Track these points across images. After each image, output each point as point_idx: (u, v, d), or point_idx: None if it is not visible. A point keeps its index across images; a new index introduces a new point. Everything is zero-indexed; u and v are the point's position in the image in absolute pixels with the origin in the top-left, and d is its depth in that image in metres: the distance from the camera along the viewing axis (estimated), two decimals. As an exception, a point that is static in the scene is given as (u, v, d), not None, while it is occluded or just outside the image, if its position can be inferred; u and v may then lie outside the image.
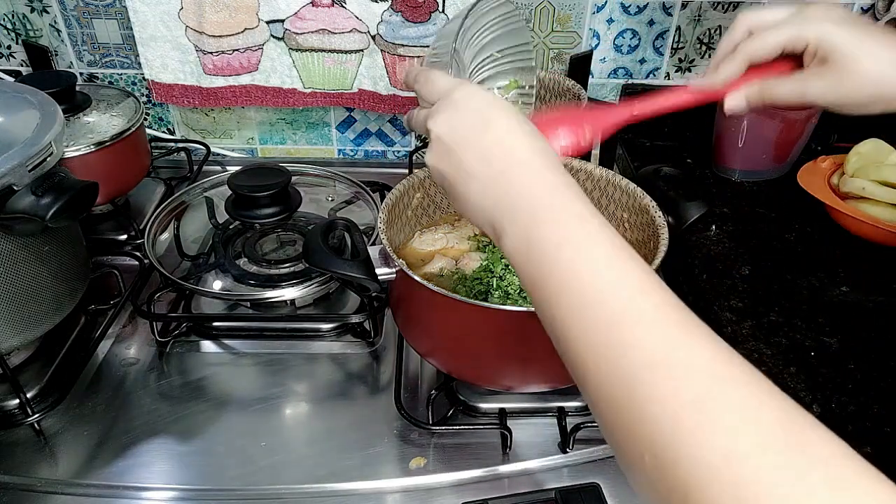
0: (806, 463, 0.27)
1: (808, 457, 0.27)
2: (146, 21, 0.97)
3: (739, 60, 0.57)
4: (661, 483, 0.30)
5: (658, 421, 0.30)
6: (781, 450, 0.28)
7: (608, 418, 0.34)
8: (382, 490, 0.64)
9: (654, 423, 0.30)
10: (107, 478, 0.65)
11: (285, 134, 1.16)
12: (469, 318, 0.60)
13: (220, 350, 0.80)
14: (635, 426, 0.31)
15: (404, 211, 0.76)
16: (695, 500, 0.28)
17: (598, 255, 0.37)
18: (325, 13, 0.97)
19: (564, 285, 0.37)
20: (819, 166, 0.92)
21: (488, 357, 0.64)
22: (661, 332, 0.33)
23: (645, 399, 0.31)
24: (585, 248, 0.37)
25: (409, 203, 0.76)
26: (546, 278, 0.38)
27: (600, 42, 1.05)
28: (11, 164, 0.60)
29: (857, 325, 0.72)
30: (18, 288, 0.67)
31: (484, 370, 0.66)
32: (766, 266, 0.81)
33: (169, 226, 0.93)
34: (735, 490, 0.27)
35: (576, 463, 0.66)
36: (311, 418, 0.72)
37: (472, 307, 0.59)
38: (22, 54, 1.05)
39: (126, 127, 0.90)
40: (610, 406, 0.33)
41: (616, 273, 0.36)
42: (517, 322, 0.59)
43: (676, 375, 0.31)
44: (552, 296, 0.38)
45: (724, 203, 0.93)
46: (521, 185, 0.42)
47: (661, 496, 0.30)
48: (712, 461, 0.28)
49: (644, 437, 0.31)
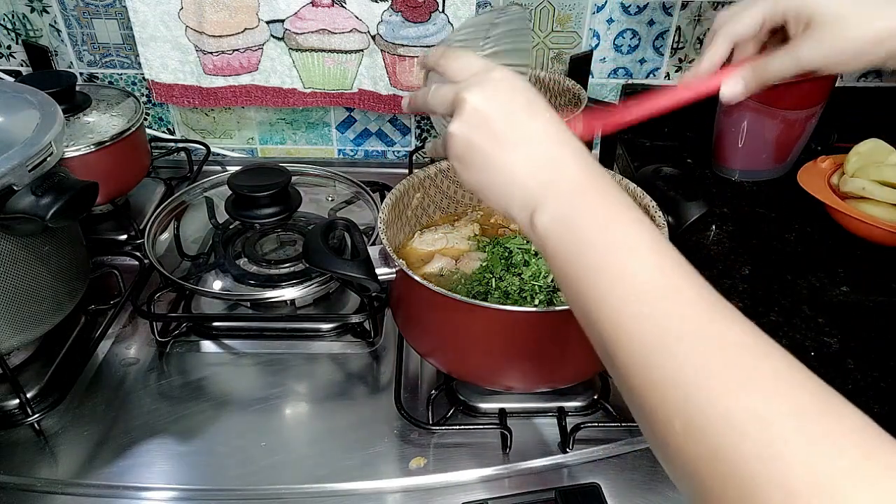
0: (838, 429, 0.28)
1: (840, 424, 0.28)
2: (146, 21, 0.97)
3: (720, 42, 0.59)
4: (691, 447, 0.31)
5: (689, 385, 0.32)
6: (813, 415, 0.29)
7: (640, 386, 0.34)
8: (382, 490, 0.64)
9: (687, 388, 0.32)
10: (107, 478, 0.65)
11: (285, 134, 1.16)
12: (469, 318, 0.60)
13: (220, 350, 0.80)
14: (668, 391, 0.32)
15: (404, 211, 0.76)
16: (724, 459, 0.29)
17: (645, 237, 0.38)
18: (325, 13, 0.97)
19: (603, 263, 0.37)
20: (819, 166, 0.92)
21: (488, 357, 0.64)
22: (695, 308, 0.34)
23: (678, 367, 0.32)
24: (634, 232, 0.38)
25: (408, 203, 0.76)
26: (583, 254, 0.39)
27: (600, 42, 1.05)
28: (11, 164, 0.60)
29: (857, 325, 0.72)
30: (18, 288, 0.67)
31: (484, 370, 0.66)
32: (766, 266, 0.81)
33: (169, 226, 0.93)
34: (763, 449, 0.28)
35: (576, 463, 0.66)
36: (311, 418, 0.72)
37: (472, 307, 0.59)
38: (22, 54, 1.05)
39: (126, 127, 0.90)
40: (643, 373, 0.34)
41: (659, 258, 0.37)
42: (517, 322, 0.59)
43: (710, 346, 0.32)
44: (587, 272, 0.38)
45: (724, 203, 0.93)
46: (571, 167, 0.42)
47: (689, 462, 0.31)
48: (744, 422, 0.29)
49: (676, 401, 0.32)
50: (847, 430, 0.28)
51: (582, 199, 0.40)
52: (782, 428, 0.28)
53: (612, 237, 0.38)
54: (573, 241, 0.39)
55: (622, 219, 0.39)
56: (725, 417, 0.30)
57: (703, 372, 0.31)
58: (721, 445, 0.29)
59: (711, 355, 0.32)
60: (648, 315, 0.34)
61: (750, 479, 0.28)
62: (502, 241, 0.74)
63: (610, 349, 0.36)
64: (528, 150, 0.43)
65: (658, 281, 0.36)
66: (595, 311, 0.37)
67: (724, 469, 0.29)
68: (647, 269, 0.36)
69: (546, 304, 0.67)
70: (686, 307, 0.34)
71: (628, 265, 0.37)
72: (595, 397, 0.71)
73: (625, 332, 0.35)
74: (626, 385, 0.36)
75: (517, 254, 0.71)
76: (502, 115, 0.44)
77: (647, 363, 0.34)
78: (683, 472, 0.32)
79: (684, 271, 0.36)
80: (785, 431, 0.28)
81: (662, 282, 0.36)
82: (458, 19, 0.97)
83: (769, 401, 0.29)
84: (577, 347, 0.63)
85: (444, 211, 0.82)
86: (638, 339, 0.34)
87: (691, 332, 0.33)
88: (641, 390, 0.34)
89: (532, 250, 0.72)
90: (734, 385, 0.31)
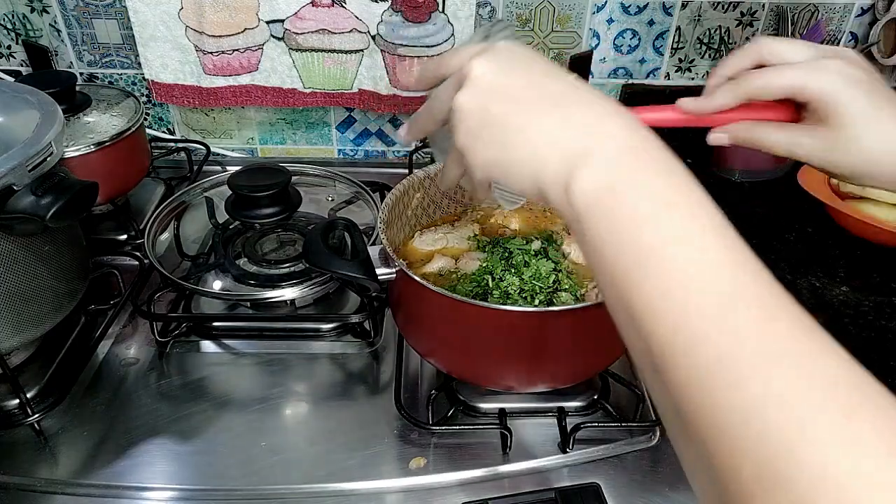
0: (849, 406, 0.25)
1: (855, 404, 0.25)
2: (146, 21, 0.97)
3: (737, 94, 0.52)
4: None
5: (770, 421, 0.26)
6: (822, 388, 0.25)
7: (695, 411, 0.29)
8: (382, 490, 0.64)
9: (766, 422, 0.26)
10: (107, 478, 0.65)
11: (285, 134, 1.16)
12: (469, 318, 0.60)
13: (220, 350, 0.80)
14: (739, 422, 0.27)
15: (404, 211, 0.76)
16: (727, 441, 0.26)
17: (703, 222, 0.33)
18: (325, 13, 0.97)
19: (659, 251, 0.31)
20: (819, 166, 0.92)
21: (488, 357, 0.64)
22: (787, 326, 0.29)
23: (757, 394, 0.27)
24: (701, 215, 0.33)
25: (408, 203, 0.76)
26: (624, 221, 0.33)
27: (600, 42, 1.05)
28: (11, 164, 0.60)
29: (857, 325, 0.72)
30: (18, 288, 0.67)
31: (484, 370, 0.66)
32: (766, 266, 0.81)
33: (169, 226, 0.93)
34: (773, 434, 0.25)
35: (576, 463, 0.66)
36: (311, 418, 0.72)
37: (472, 307, 0.59)
38: (22, 54, 1.05)
39: (126, 127, 0.90)
40: (702, 396, 0.28)
41: (733, 255, 0.32)
42: (517, 322, 0.59)
43: (802, 373, 0.27)
44: (637, 258, 0.32)
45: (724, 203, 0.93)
46: (618, 127, 0.36)
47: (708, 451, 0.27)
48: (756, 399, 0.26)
49: (749, 437, 0.27)
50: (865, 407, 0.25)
51: (632, 165, 0.34)
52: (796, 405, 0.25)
53: (671, 218, 0.32)
54: (610, 208, 0.33)
55: (683, 194, 0.33)
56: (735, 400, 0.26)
57: (791, 404, 0.26)
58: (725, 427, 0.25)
59: (805, 385, 0.26)
60: (720, 328, 0.28)
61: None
62: (502, 241, 0.74)
63: (657, 359, 0.30)
64: (563, 112, 0.37)
65: (727, 285, 0.30)
66: (640, 307, 0.31)
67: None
68: (714, 268, 0.30)
69: (546, 304, 0.67)
70: (768, 325, 0.28)
71: (692, 260, 0.31)
72: (595, 397, 0.71)
73: (655, 318, 0.30)
74: (674, 407, 0.30)
75: (517, 254, 0.71)
76: (522, 77, 0.39)
77: (712, 385, 0.28)
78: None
79: (764, 279, 0.31)
80: (801, 409, 0.25)
81: (733, 287, 0.30)
82: (458, 19, 0.97)
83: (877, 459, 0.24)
84: (578, 347, 0.63)
85: (444, 211, 0.82)
86: (703, 354, 0.28)
87: (777, 353, 0.27)
88: (698, 417, 0.28)
89: (532, 250, 0.72)
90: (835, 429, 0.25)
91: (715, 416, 0.27)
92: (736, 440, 0.26)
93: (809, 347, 0.27)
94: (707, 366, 0.28)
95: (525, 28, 1.04)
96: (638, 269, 0.32)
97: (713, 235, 0.32)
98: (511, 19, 1.02)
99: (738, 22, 1.04)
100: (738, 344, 0.28)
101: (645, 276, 0.31)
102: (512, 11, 1.02)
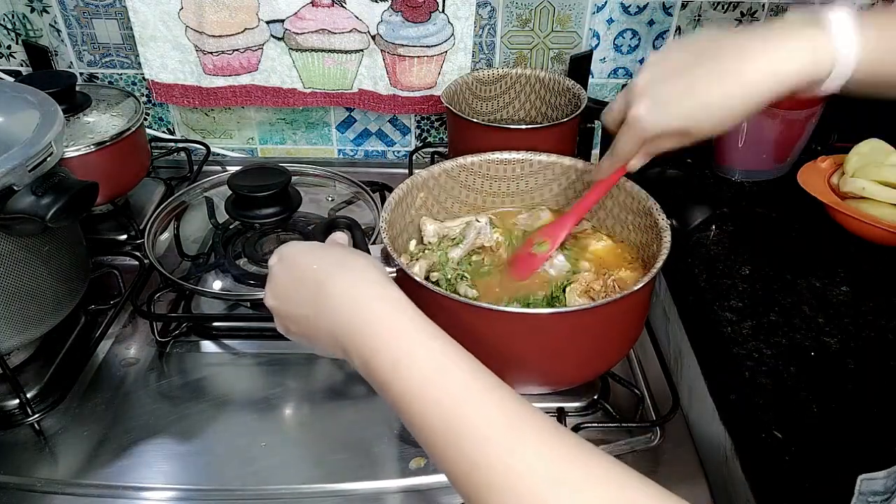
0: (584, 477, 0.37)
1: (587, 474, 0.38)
2: (146, 21, 0.97)
3: (616, 160, 0.63)
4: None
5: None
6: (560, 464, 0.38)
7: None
8: (382, 490, 0.64)
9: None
10: (107, 478, 0.65)
11: (285, 134, 1.16)
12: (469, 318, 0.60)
13: (220, 350, 0.80)
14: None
15: (407, 210, 0.75)
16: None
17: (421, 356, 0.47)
18: (325, 13, 0.97)
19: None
20: (819, 166, 0.92)
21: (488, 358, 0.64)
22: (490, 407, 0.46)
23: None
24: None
25: (412, 202, 0.76)
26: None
27: (600, 42, 1.05)
28: (11, 164, 0.60)
29: (857, 325, 0.72)
30: (18, 288, 0.67)
31: (484, 370, 0.66)
32: (766, 266, 0.81)
33: (169, 226, 0.94)
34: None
35: (576, 463, 0.66)
36: (311, 418, 0.72)
37: (472, 308, 0.59)
38: (22, 54, 1.05)
39: (126, 127, 0.90)
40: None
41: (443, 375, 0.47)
42: (518, 322, 0.59)
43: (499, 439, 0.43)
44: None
45: (724, 203, 0.93)
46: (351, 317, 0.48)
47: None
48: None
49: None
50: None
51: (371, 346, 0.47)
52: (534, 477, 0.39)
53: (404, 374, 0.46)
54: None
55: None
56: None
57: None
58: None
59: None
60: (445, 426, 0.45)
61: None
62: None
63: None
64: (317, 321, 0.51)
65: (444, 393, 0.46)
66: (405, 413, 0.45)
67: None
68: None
69: (546, 304, 0.67)
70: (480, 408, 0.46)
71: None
72: (595, 397, 0.71)
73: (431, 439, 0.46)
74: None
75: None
76: (291, 306, 0.53)
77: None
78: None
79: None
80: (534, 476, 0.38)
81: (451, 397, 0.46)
82: (458, 19, 0.98)
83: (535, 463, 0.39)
84: (578, 349, 0.63)
85: (447, 211, 0.81)
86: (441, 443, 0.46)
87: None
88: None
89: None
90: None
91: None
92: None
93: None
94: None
95: (525, 28, 1.04)
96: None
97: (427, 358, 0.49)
98: (511, 19, 1.03)
99: (738, 22, 1.04)
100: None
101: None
102: (512, 11, 1.02)
